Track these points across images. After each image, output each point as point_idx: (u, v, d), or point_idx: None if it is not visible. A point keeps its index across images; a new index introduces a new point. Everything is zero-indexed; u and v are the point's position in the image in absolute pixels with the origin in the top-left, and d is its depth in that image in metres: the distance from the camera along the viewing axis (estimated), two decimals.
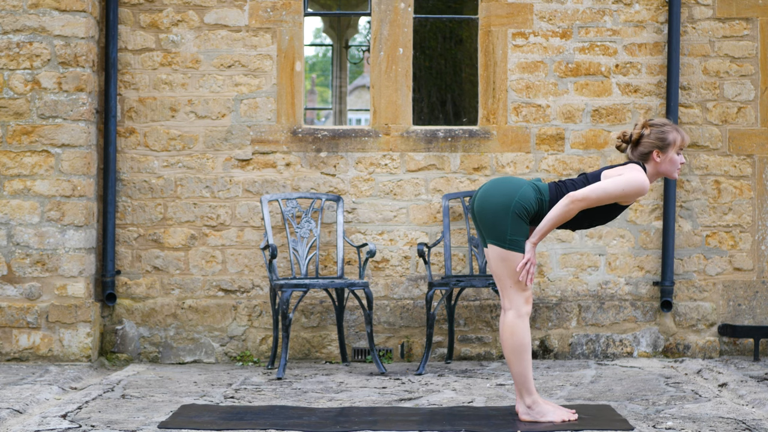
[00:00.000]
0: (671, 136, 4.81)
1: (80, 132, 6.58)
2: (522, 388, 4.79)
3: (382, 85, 7.01)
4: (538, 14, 7.00)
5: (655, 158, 4.81)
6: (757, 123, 7.04)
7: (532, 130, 7.00)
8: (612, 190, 4.70)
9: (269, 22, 6.96)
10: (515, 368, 4.76)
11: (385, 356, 6.93)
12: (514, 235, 4.70)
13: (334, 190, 6.97)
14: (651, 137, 4.81)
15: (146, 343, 6.90)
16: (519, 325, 4.73)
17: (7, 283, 6.56)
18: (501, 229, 4.70)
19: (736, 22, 7.01)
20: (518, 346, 4.74)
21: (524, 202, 4.71)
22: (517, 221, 4.70)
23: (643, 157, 4.84)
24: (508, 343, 4.75)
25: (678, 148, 4.83)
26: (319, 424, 4.72)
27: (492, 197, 4.74)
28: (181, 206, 6.92)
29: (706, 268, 7.03)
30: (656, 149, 4.80)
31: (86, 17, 6.58)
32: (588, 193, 4.68)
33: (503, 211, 4.70)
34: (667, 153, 4.81)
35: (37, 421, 4.79)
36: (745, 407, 5.23)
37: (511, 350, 4.74)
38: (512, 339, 4.73)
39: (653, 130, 4.82)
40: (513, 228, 4.70)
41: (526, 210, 4.71)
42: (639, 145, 4.84)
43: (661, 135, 4.80)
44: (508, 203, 4.70)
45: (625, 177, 4.72)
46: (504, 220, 4.70)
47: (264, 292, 6.92)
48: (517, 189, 4.74)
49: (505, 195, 4.72)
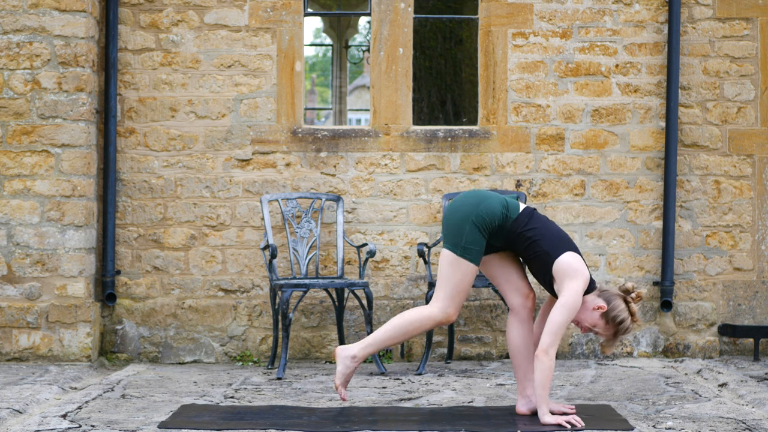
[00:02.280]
0: (624, 324, 4.75)
1: (80, 132, 6.58)
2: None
3: (382, 85, 7.01)
4: (538, 14, 7.00)
5: (594, 307, 4.76)
6: (757, 123, 7.04)
7: (532, 130, 7.00)
8: (566, 318, 4.68)
9: (269, 22, 6.96)
10: (387, 338, 4.85)
11: (385, 356, 6.93)
12: (468, 243, 4.74)
13: (334, 190, 6.97)
14: (615, 305, 4.76)
15: (146, 343, 6.90)
16: (425, 318, 4.80)
17: (7, 283, 6.56)
18: (458, 235, 4.75)
19: (736, 22, 7.01)
20: (402, 329, 4.82)
21: (485, 213, 4.75)
22: (475, 231, 4.73)
23: (600, 294, 4.80)
24: (396, 321, 4.82)
25: (610, 330, 4.77)
26: (319, 424, 4.72)
27: (459, 206, 4.81)
28: (181, 206, 6.92)
29: (706, 268, 7.03)
30: (602, 309, 4.75)
31: (86, 17, 6.58)
32: (550, 340, 4.65)
33: (464, 218, 4.76)
34: (604, 322, 4.76)
35: (37, 421, 4.79)
36: (745, 407, 5.23)
37: (398, 328, 4.81)
38: (402, 320, 4.81)
39: (619, 307, 4.75)
40: (469, 237, 4.74)
41: (485, 222, 4.74)
42: (605, 292, 4.80)
43: (618, 315, 4.74)
44: (470, 212, 4.76)
45: (572, 301, 4.67)
46: (463, 227, 4.75)
47: (264, 292, 6.93)
48: (482, 200, 4.79)
49: (470, 205, 4.78)
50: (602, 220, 7.01)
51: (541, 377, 4.67)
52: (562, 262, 4.75)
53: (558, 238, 4.81)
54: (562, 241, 4.81)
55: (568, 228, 6.96)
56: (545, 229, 4.82)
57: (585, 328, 4.82)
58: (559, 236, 4.83)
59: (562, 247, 4.78)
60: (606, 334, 4.80)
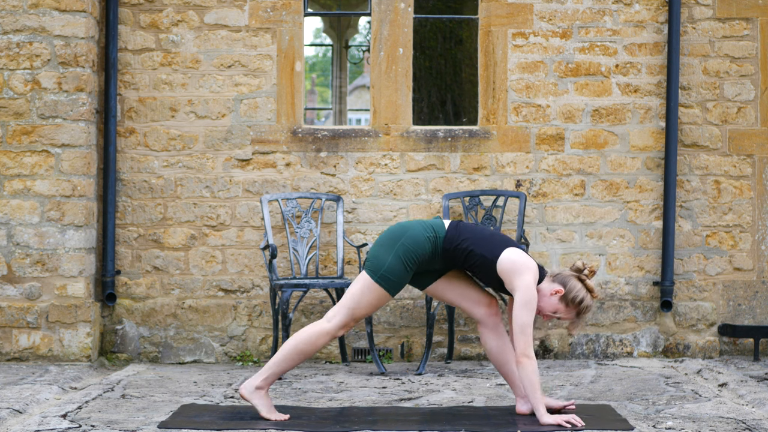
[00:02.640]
0: (584, 303, 4.75)
1: (80, 132, 6.58)
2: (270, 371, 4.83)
3: (382, 85, 7.01)
4: (538, 14, 7.00)
5: (551, 293, 4.75)
6: (757, 123, 7.04)
7: (532, 130, 7.00)
8: (529, 315, 4.66)
9: (269, 22, 6.96)
10: (283, 365, 4.81)
11: (385, 356, 6.94)
12: (388, 273, 4.73)
13: (334, 190, 6.97)
14: (572, 286, 4.75)
15: (146, 343, 6.90)
16: (316, 335, 4.79)
17: (7, 283, 6.56)
18: (380, 262, 4.75)
19: (736, 22, 7.01)
20: (295, 349, 4.80)
21: (409, 243, 4.74)
22: (398, 262, 4.73)
23: (553, 278, 4.80)
24: (289, 344, 4.80)
25: (572, 312, 4.77)
26: (319, 424, 4.72)
27: (386, 235, 4.81)
28: (181, 206, 6.92)
29: (706, 268, 7.03)
30: (559, 293, 4.75)
31: (86, 17, 6.58)
32: (524, 340, 4.63)
33: (388, 248, 4.75)
34: (564, 305, 4.76)
35: (37, 421, 4.79)
36: (745, 407, 5.23)
37: (291, 350, 4.78)
38: (296, 341, 4.79)
39: (576, 288, 4.75)
40: (391, 266, 4.73)
41: (409, 251, 4.74)
42: (558, 275, 4.80)
43: (577, 295, 4.74)
44: (394, 242, 4.75)
45: (528, 296, 4.66)
46: (386, 256, 4.74)
47: (264, 292, 6.93)
48: (405, 231, 4.78)
49: (394, 236, 4.78)
50: (602, 220, 7.01)
51: (529, 380, 4.66)
52: (504, 261, 4.73)
53: (491, 239, 4.79)
54: (497, 241, 4.79)
55: (568, 228, 6.97)
56: (476, 235, 4.79)
57: (547, 316, 4.81)
58: (492, 237, 4.80)
59: (498, 247, 4.76)
60: (568, 316, 4.80)
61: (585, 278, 4.79)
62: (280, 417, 4.81)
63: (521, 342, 4.65)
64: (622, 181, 7.01)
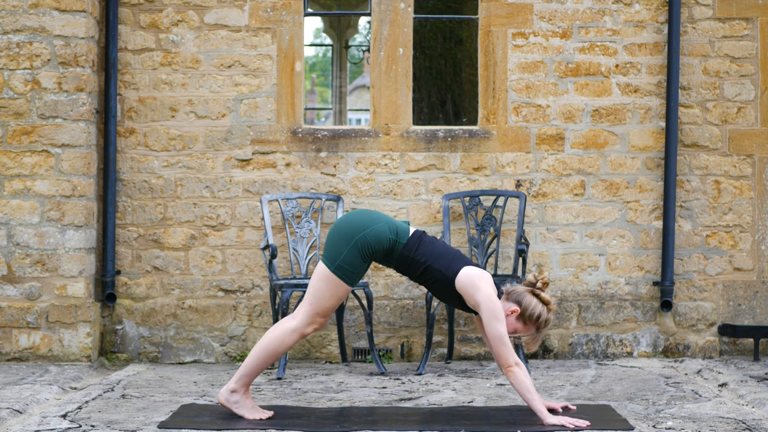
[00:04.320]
0: (542, 318, 4.70)
1: (80, 132, 6.58)
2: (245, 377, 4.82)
3: (382, 85, 7.01)
4: (538, 14, 7.00)
5: (508, 313, 4.71)
6: (757, 123, 7.04)
7: (532, 130, 7.00)
8: (501, 325, 4.62)
9: (269, 22, 6.96)
10: (256, 366, 4.81)
11: (385, 356, 6.94)
12: (345, 263, 4.69)
13: (334, 190, 6.97)
14: (527, 303, 4.70)
15: (146, 343, 6.90)
16: (284, 333, 4.77)
17: (7, 283, 6.56)
18: (337, 252, 4.70)
19: (736, 22, 7.01)
20: (266, 350, 4.78)
21: (371, 238, 4.70)
22: (355, 253, 4.68)
23: (507, 297, 4.75)
24: (260, 344, 4.79)
25: (531, 328, 4.73)
26: (319, 424, 4.72)
27: (346, 223, 4.74)
28: (181, 206, 6.93)
29: (706, 268, 7.03)
30: (516, 312, 4.71)
31: (86, 17, 6.58)
32: (506, 351, 4.59)
33: (347, 238, 4.69)
34: (522, 323, 4.72)
35: (37, 421, 4.79)
36: (745, 407, 5.23)
37: (261, 350, 4.78)
38: (266, 341, 4.77)
39: (531, 304, 4.70)
40: (348, 257, 4.69)
41: (368, 246, 4.69)
42: (512, 293, 4.75)
43: (533, 311, 4.69)
44: (355, 233, 4.70)
45: (492, 307, 4.62)
46: (344, 246, 4.69)
47: (264, 292, 6.93)
48: (371, 224, 4.72)
49: (357, 225, 4.72)
50: (602, 220, 7.01)
51: (523, 387, 4.63)
52: (462, 277, 4.70)
53: (450, 256, 4.75)
54: (455, 258, 4.75)
55: (568, 228, 6.97)
56: (435, 251, 4.75)
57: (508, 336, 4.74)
58: (451, 254, 4.77)
59: (457, 264, 4.73)
60: (528, 333, 4.74)
61: (539, 291, 4.73)
62: (264, 415, 4.81)
63: (503, 353, 4.61)
64: (622, 181, 7.01)
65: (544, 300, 4.73)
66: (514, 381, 4.64)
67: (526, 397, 4.66)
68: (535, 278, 4.76)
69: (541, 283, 4.74)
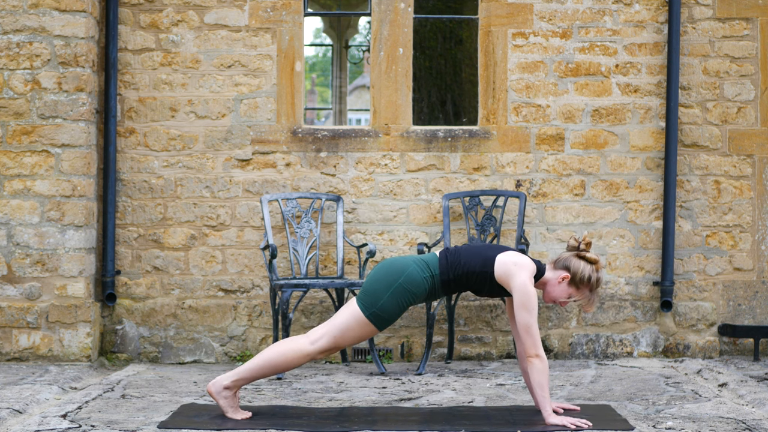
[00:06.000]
0: (593, 278, 4.72)
1: (80, 132, 6.58)
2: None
3: (382, 85, 7.01)
4: (538, 14, 7.00)
5: (559, 280, 4.74)
6: (757, 123, 7.04)
7: (532, 130, 7.00)
8: (531, 315, 4.63)
9: (269, 22, 6.96)
10: (255, 374, 4.83)
11: (385, 356, 6.94)
12: (380, 311, 4.71)
13: (334, 190, 6.97)
14: (576, 267, 4.72)
15: (146, 343, 6.90)
16: (296, 354, 4.78)
17: (7, 283, 6.56)
18: (374, 300, 4.72)
19: (736, 22, 7.01)
20: (271, 363, 4.80)
21: (407, 284, 4.71)
22: (394, 302, 4.70)
23: (555, 266, 4.78)
24: (266, 355, 4.80)
25: (585, 291, 4.75)
26: (319, 424, 4.72)
27: (381, 276, 4.75)
28: (181, 206, 6.93)
29: (706, 268, 7.03)
30: (567, 278, 4.73)
31: (86, 17, 6.58)
32: (531, 341, 4.61)
33: (386, 287, 4.71)
34: (575, 288, 4.74)
35: (37, 421, 4.79)
36: (745, 407, 5.23)
37: (266, 362, 4.79)
38: (274, 354, 4.79)
39: (579, 267, 4.72)
40: (385, 305, 4.70)
41: (407, 291, 4.71)
42: (559, 260, 4.77)
43: (584, 274, 4.71)
44: (392, 282, 4.71)
45: (524, 297, 4.63)
46: (382, 294, 4.71)
47: (264, 292, 6.93)
48: (403, 270, 4.73)
49: (391, 275, 4.73)
50: (602, 220, 7.01)
51: (538, 378, 4.66)
52: (498, 268, 4.72)
53: (481, 252, 4.77)
54: (487, 252, 4.76)
55: (568, 228, 6.97)
56: (467, 256, 4.77)
57: (564, 303, 4.80)
58: (481, 250, 4.78)
59: (490, 257, 4.74)
60: (583, 296, 4.77)
61: (584, 253, 4.76)
62: (245, 415, 4.82)
63: (528, 342, 4.64)
64: (622, 181, 7.01)
65: (591, 260, 4.75)
66: (532, 372, 4.66)
67: (536, 392, 4.67)
68: (577, 241, 4.79)
69: (584, 245, 4.77)
